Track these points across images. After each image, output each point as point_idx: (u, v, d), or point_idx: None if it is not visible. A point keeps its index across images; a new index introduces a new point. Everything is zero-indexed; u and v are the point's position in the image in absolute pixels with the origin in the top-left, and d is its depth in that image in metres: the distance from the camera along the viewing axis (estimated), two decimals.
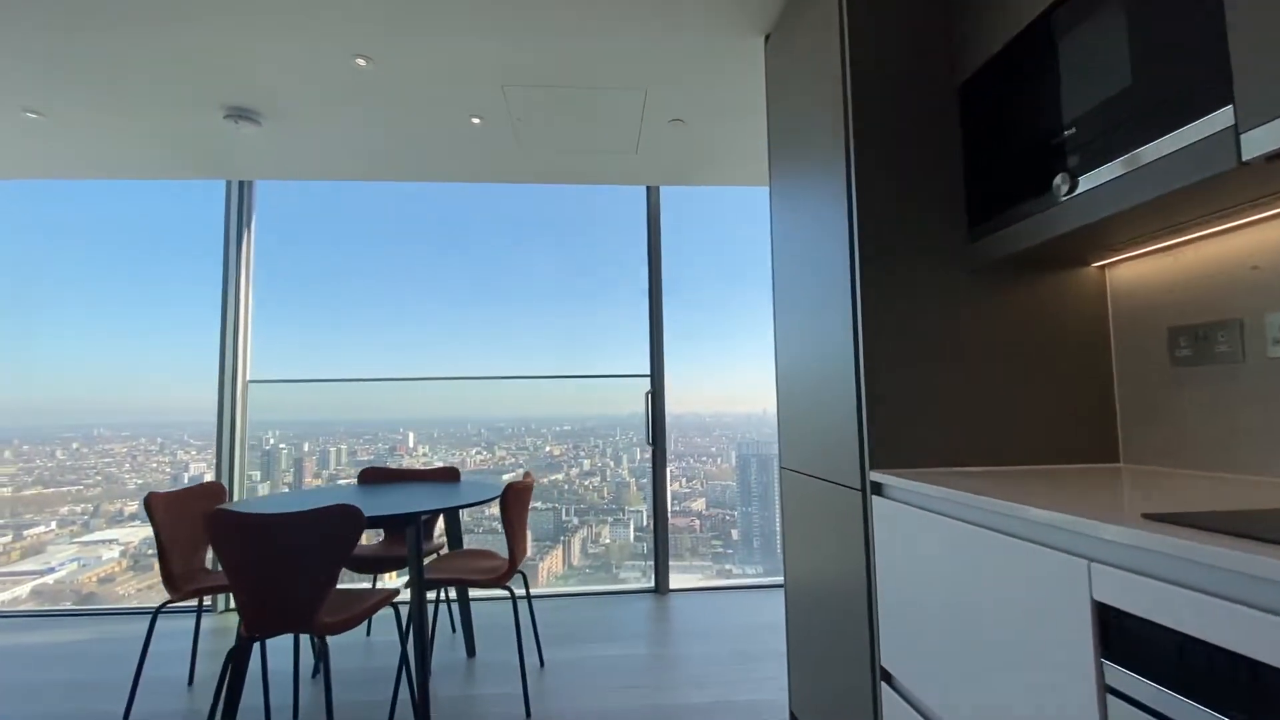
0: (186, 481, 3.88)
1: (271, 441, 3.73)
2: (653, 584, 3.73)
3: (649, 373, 3.83)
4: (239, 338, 3.62)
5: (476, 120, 2.84)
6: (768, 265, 2.25)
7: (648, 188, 3.87)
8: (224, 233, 3.62)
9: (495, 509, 2.37)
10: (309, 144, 3.10)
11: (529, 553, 2.76)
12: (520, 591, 2.96)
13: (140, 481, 3.98)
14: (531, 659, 2.71)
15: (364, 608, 1.94)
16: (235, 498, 3.52)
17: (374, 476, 3.03)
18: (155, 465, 4.10)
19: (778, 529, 3.85)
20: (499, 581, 2.31)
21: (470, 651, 2.80)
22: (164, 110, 2.68)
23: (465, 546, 2.83)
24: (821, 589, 1.80)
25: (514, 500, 2.35)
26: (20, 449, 4.03)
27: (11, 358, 4.04)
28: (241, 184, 3.68)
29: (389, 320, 4.15)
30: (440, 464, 3.32)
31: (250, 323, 3.68)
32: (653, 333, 3.83)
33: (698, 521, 3.76)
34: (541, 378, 3.98)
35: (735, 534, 3.70)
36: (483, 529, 3.86)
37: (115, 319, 4.18)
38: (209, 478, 3.59)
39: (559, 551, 3.70)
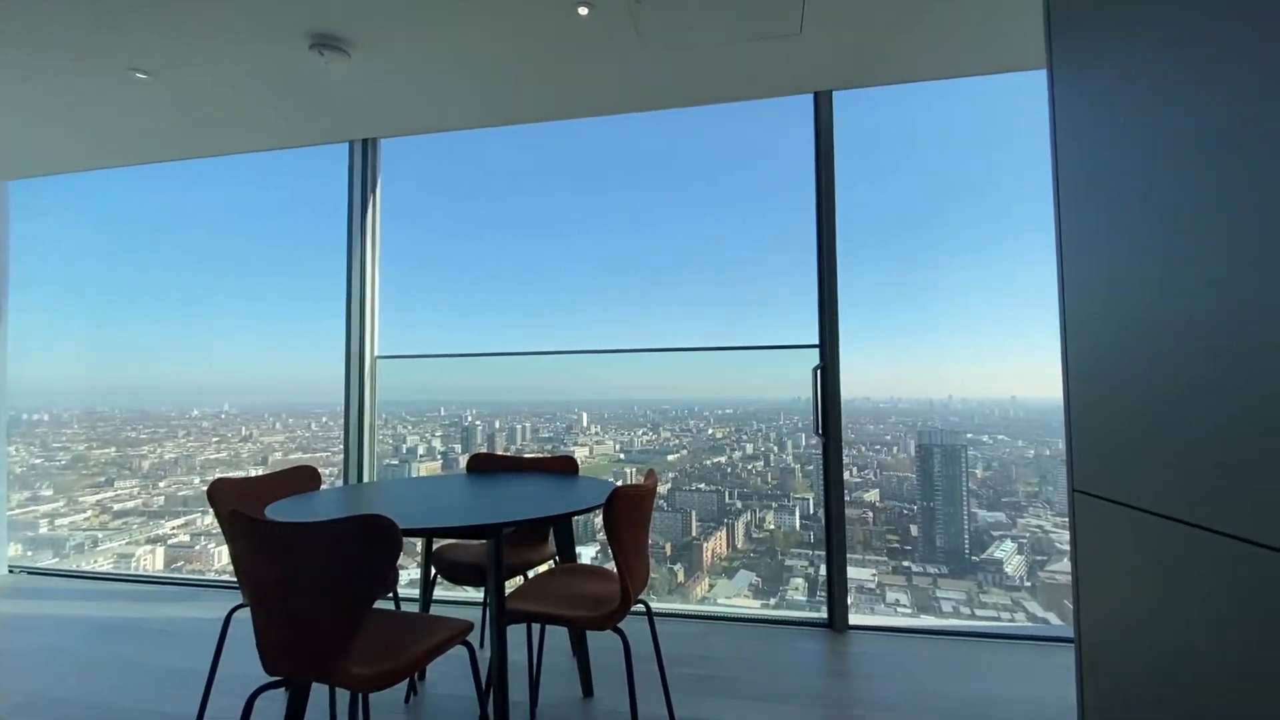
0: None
1: (469, 418, 4.05)
2: (825, 616, 2.86)
3: (818, 343, 2.95)
4: (365, 313, 3.42)
5: (584, 10, 2.18)
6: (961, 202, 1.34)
7: (815, 98, 2.94)
8: (347, 206, 3.44)
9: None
10: (400, 83, 2.73)
11: (650, 578, 2.07)
12: (641, 614, 2.31)
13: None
14: (654, 711, 2.04)
15: (418, 652, 1.41)
16: (363, 479, 3.34)
17: (482, 464, 2.57)
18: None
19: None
20: (606, 623, 1.65)
21: (586, 690, 2.22)
22: (250, 45, 2.43)
23: (582, 559, 2.25)
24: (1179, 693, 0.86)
25: (625, 512, 1.67)
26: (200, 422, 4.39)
27: (183, 345, 4.41)
28: (365, 153, 3.46)
29: (526, 294, 3.96)
30: (612, 443, 3.40)
31: (377, 297, 3.48)
32: (823, 295, 2.93)
33: (870, 514, 3.50)
34: (686, 350, 3.32)
35: (915, 530, 3.43)
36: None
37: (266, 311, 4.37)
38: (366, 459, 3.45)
39: (723, 533, 3.62)
